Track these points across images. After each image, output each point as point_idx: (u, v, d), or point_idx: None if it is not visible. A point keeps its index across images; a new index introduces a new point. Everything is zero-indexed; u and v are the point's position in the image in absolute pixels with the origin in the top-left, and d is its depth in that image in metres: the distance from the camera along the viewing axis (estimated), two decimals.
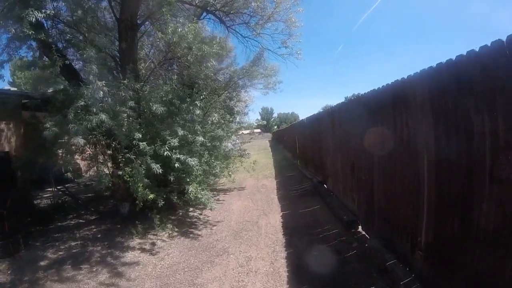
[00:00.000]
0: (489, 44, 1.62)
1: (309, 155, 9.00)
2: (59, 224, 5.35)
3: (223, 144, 7.54)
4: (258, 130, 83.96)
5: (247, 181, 9.16)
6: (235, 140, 11.30)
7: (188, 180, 4.81)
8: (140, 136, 4.18)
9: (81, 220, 5.59)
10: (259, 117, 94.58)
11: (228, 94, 7.95)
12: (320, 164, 7.24)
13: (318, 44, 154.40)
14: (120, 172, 4.32)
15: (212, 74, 6.81)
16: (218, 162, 6.13)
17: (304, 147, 9.87)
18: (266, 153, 20.48)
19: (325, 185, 7.14)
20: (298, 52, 7.50)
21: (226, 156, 7.23)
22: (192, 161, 4.43)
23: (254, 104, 23.55)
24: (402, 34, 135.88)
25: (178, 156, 4.31)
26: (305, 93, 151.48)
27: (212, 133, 6.10)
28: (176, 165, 4.29)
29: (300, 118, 18.31)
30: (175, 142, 4.33)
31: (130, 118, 4.41)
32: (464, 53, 1.82)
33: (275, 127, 75.27)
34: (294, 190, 7.51)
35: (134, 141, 4.16)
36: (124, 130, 4.16)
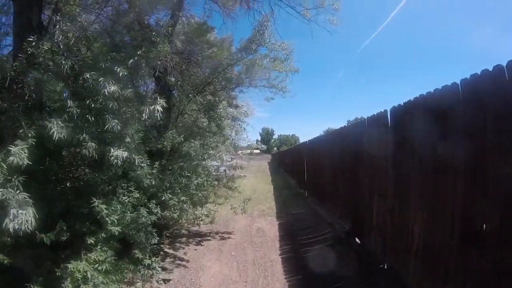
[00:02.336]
0: None
1: (328, 187, 6.28)
2: None
3: (198, 167, 4.91)
4: (258, 151, 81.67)
5: (236, 220, 6.36)
6: (223, 161, 8.68)
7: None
8: None
9: None
10: (259, 138, 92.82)
11: (212, 93, 5.38)
12: (354, 203, 4.52)
13: (320, 69, 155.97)
14: None
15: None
16: (176, 200, 3.46)
17: (319, 175, 7.17)
18: (265, 177, 17.68)
19: (358, 240, 4.41)
20: (335, 6, 4.93)
21: (200, 187, 4.54)
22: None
23: (255, 119, 20.93)
24: (402, 61, 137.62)
25: None
26: (306, 116, 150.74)
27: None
28: None
29: (301, 141, 15.91)
30: None
31: None
32: None
33: (275, 148, 72.87)
34: (307, 245, 4.72)
35: None
36: None
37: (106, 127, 2.07)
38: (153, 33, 3.62)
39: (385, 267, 3.44)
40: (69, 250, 2.24)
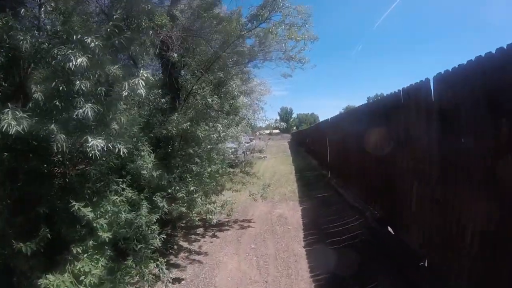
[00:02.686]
0: None
1: (354, 169, 5.66)
2: None
3: (213, 151, 4.51)
4: (277, 131, 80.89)
5: (256, 206, 5.97)
6: (240, 143, 8.30)
7: None
8: None
9: None
10: (278, 117, 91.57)
11: (222, 69, 4.81)
12: (387, 187, 3.93)
13: (336, 45, 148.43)
14: None
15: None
16: (184, 191, 3.07)
17: (344, 156, 6.53)
18: (285, 157, 17.19)
19: (391, 230, 3.87)
20: None
21: (214, 175, 4.14)
22: None
23: (272, 98, 20.13)
24: (421, 34, 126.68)
25: None
26: (324, 94, 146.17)
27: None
28: None
29: (320, 119, 15.03)
30: None
31: None
32: None
33: (294, 127, 71.67)
34: (334, 235, 4.24)
35: None
36: None
37: (76, 112, 1.63)
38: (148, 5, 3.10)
39: (426, 265, 2.90)
40: (50, 260, 1.91)
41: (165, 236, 2.93)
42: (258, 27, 4.68)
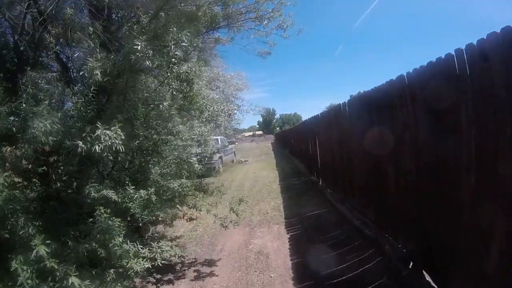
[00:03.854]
0: None
1: (359, 177, 4.13)
2: None
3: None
4: (260, 132, 79.40)
5: (228, 234, 4.31)
6: (209, 146, 6.60)
7: None
8: None
9: None
10: (261, 119, 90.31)
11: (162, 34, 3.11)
12: (423, 209, 2.39)
13: (318, 45, 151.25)
14: None
15: None
16: None
17: (343, 158, 5.00)
18: (269, 161, 15.62)
19: (430, 279, 2.39)
20: None
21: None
22: None
23: (254, 100, 18.40)
24: (403, 33, 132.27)
25: None
26: (307, 94, 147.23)
27: None
28: None
29: (304, 119, 13.78)
30: None
31: None
32: None
33: (277, 128, 70.60)
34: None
35: None
36: None
37: None
38: None
39: None
40: None
41: None
42: None
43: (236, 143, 44.80)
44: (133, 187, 2.62)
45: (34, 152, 2.21)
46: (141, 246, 2.49)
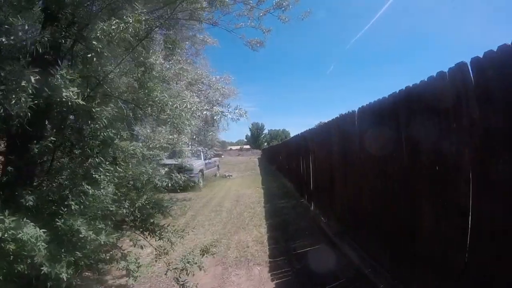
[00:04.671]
0: None
1: (368, 205, 3.10)
2: None
3: None
4: (248, 146, 78.41)
5: (194, 278, 3.12)
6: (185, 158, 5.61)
7: None
8: None
9: None
10: (249, 133, 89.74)
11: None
12: None
13: (308, 65, 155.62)
14: None
15: None
16: None
17: (344, 184, 4.00)
18: (254, 177, 14.52)
19: None
20: None
21: None
22: None
23: (239, 101, 17.34)
24: (392, 54, 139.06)
25: None
26: (296, 112, 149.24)
27: None
28: None
29: (292, 135, 13.02)
30: None
31: None
32: None
33: (265, 144, 69.96)
34: None
35: None
36: None
37: None
38: None
39: None
40: None
41: None
42: None
43: (223, 156, 43.54)
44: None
45: None
46: None
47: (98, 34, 1.89)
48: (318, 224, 5.03)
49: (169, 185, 5.92)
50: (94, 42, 1.92)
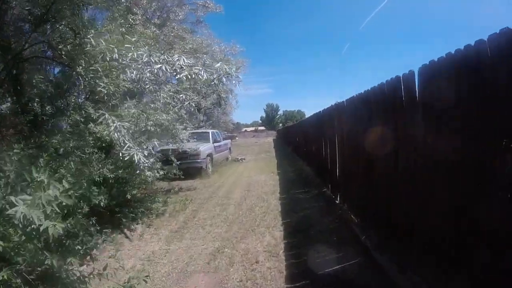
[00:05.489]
0: None
1: (439, 206, 1.88)
2: None
3: None
4: (263, 128, 77.08)
5: None
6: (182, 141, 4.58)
7: None
8: None
9: None
10: (264, 114, 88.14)
11: None
12: None
13: (324, 44, 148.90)
14: None
15: None
16: None
17: (394, 177, 2.77)
18: (269, 160, 13.42)
19: None
20: None
21: None
22: None
23: (258, 96, 15.73)
24: (407, 33, 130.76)
25: None
26: (311, 93, 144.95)
27: None
28: None
29: (307, 116, 11.70)
30: None
31: None
32: None
33: (280, 124, 68.30)
34: None
35: None
36: None
37: None
38: None
39: None
40: None
41: None
42: None
43: (237, 138, 42.70)
44: None
45: None
46: None
47: None
48: (348, 225, 3.87)
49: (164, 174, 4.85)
50: None
